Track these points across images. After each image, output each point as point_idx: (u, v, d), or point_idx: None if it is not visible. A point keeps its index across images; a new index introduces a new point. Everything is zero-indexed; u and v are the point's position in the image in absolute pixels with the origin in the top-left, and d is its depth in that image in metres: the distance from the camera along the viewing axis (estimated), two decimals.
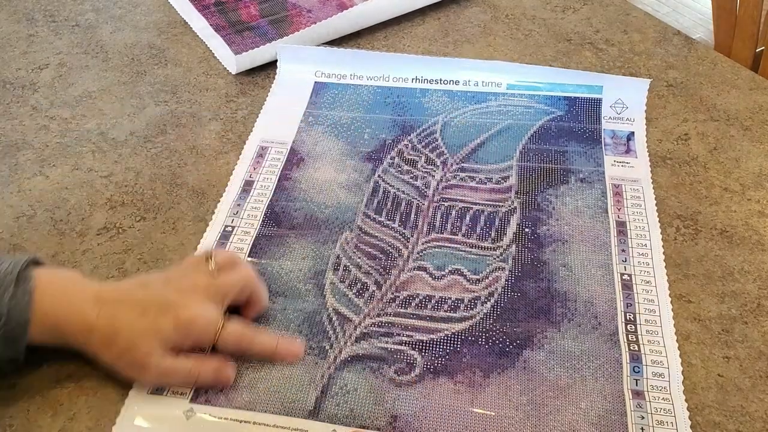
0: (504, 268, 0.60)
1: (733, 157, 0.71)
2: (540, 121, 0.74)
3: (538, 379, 0.53)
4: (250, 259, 0.61)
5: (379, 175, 0.69)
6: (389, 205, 0.66)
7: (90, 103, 0.77)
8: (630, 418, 0.50)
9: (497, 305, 0.58)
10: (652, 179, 0.68)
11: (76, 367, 0.53)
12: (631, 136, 0.73)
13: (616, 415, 0.51)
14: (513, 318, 0.57)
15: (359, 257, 0.61)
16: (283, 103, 0.77)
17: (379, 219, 0.65)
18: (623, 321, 0.56)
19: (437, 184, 0.68)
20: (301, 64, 0.80)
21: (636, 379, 0.53)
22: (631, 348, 0.55)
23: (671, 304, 0.58)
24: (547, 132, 0.73)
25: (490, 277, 0.60)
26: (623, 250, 0.62)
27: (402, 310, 0.57)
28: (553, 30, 0.88)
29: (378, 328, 0.56)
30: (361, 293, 0.58)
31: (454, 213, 0.65)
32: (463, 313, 0.57)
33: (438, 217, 0.65)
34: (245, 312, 0.56)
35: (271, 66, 0.81)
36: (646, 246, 0.62)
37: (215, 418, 0.50)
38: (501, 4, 0.92)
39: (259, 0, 0.91)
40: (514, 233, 0.63)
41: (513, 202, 0.66)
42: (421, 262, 0.61)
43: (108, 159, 0.71)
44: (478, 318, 0.57)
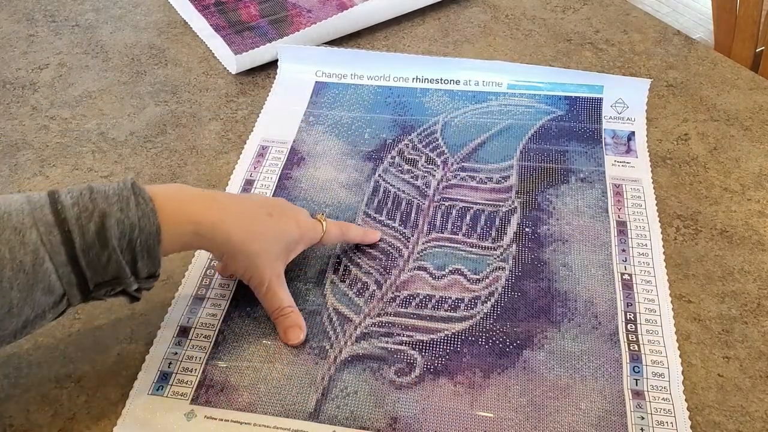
0: (504, 267, 0.60)
1: (733, 157, 0.71)
2: (540, 120, 0.74)
3: (538, 380, 0.53)
4: None
5: (379, 175, 0.69)
6: (390, 204, 0.66)
7: (90, 103, 0.77)
8: (630, 418, 0.50)
9: (497, 305, 0.58)
10: (653, 179, 0.68)
11: (76, 367, 0.53)
12: (631, 135, 0.73)
13: (616, 416, 0.51)
14: (513, 318, 0.57)
15: (359, 257, 0.61)
16: (284, 102, 0.77)
17: (380, 218, 0.65)
18: (623, 321, 0.56)
19: (438, 184, 0.68)
20: (301, 64, 0.80)
21: (636, 379, 0.53)
22: (631, 348, 0.55)
23: (671, 304, 0.58)
24: (547, 132, 0.73)
25: (491, 277, 0.60)
26: (623, 250, 0.62)
27: (402, 310, 0.57)
28: (553, 30, 0.88)
29: (378, 328, 0.56)
30: (362, 293, 0.58)
31: (455, 213, 0.65)
32: (464, 313, 0.57)
33: (438, 216, 0.65)
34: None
35: (271, 66, 0.81)
36: (647, 246, 0.62)
37: (216, 419, 0.50)
38: (501, 4, 0.92)
39: (259, 0, 0.91)
40: (515, 233, 0.63)
41: (513, 202, 0.66)
42: (422, 262, 0.61)
43: (108, 159, 0.71)
44: (478, 318, 0.57)
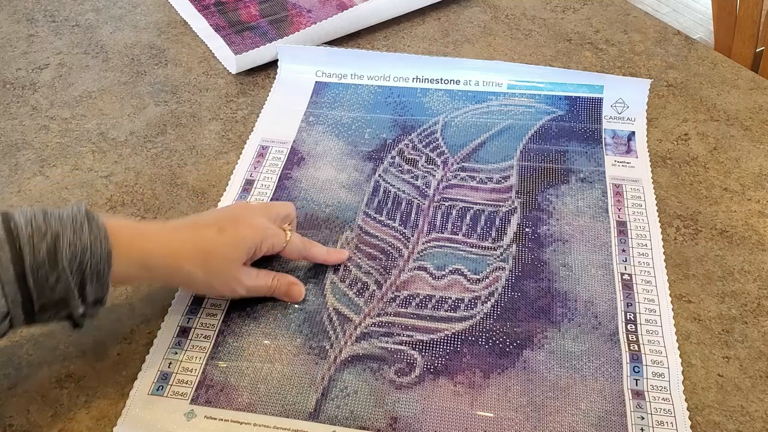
0: (504, 267, 0.60)
1: (733, 157, 0.71)
2: (541, 120, 0.74)
3: (538, 380, 0.53)
4: None
5: (379, 175, 0.69)
6: (390, 204, 0.66)
7: (90, 103, 0.77)
8: (630, 418, 0.50)
9: (497, 305, 0.58)
10: (653, 179, 0.68)
11: (76, 367, 0.53)
12: (631, 135, 0.73)
13: (616, 416, 0.51)
14: (513, 318, 0.57)
15: (359, 257, 0.61)
16: (284, 102, 0.77)
17: (380, 218, 0.65)
18: (623, 321, 0.56)
19: (438, 184, 0.68)
20: (301, 64, 0.80)
21: (636, 379, 0.53)
22: (631, 348, 0.55)
23: (671, 304, 0.58)
24: (547, 132, 0.73)
25: (491, 277, 0.60)
26: (623, 250, 0.62)
27: (402, 310, 0.57)
28: (553, 30, 0.88)
29: (378, 328, 0.56)
30: (362, 293, 0.58)
31: (455, 213, 0.65)
32: (464, 313, 0.57)
33: (438, 216, 0.65)
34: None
35: (271, 66, 0.81)
36: (647, 246, 0.62)
37: (216, 419, 0.50)
38: (501, 4, 0.92)
39: (259, 0, 0.91)
40: (515, 233, 0.63)
41: (513, 202, 0.66)
42: (422, 262, 0.61)
43: (108, 159, 0.71)
44: (478, 318, 0.57)
